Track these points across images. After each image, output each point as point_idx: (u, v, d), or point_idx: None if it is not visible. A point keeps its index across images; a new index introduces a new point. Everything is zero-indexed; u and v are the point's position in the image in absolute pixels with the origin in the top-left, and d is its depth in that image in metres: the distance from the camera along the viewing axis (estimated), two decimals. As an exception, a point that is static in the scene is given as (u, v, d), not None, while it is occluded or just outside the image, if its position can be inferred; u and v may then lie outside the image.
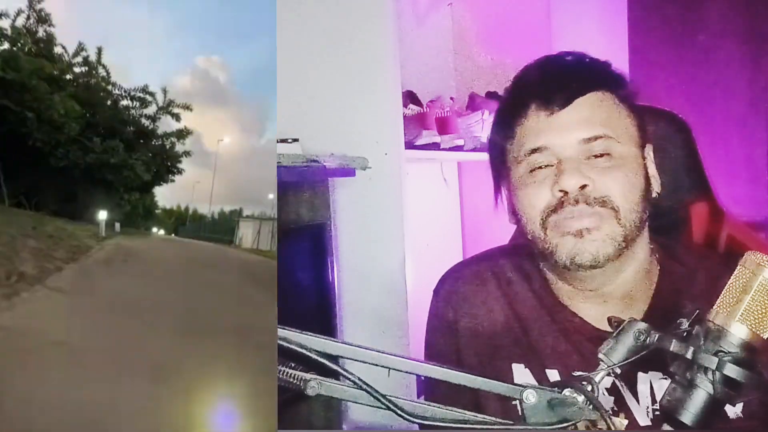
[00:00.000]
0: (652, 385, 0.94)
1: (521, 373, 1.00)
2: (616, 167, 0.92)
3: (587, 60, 0.98)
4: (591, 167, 0.91)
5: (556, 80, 0.95)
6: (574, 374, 0.94)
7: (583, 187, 0.90)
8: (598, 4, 2.91)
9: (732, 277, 0.74)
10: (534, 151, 0.94)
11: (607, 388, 0.76)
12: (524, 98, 0.96)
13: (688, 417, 0.72)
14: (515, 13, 2.95)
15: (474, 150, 2.43)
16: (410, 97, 2.35)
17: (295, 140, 2.00)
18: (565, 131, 0.92)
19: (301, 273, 2.03)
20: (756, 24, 2.72)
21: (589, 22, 2.84)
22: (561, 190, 0.91)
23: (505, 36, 2.90)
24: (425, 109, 2.33)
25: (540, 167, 0.93)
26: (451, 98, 2.64)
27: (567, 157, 0.92)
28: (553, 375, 0.98)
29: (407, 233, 2.08)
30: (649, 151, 0.98)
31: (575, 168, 0.91)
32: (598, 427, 0.72)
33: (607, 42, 2.73)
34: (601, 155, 0.92)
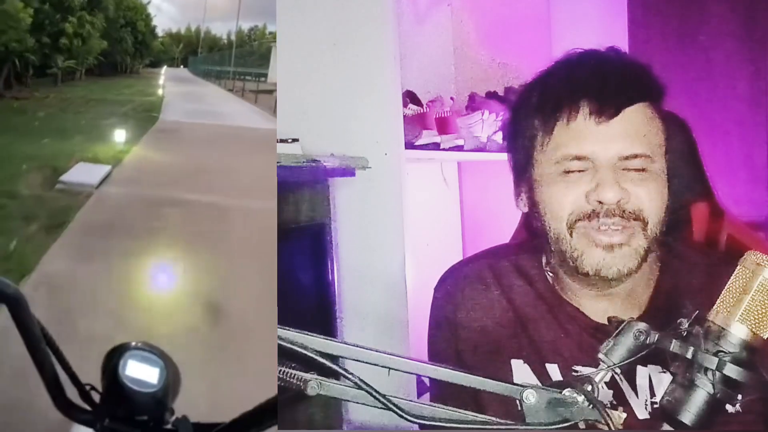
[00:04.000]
0: (651, 378, 0.95)
1: (520, 368, 1.01)
2: (649, 180, 0.93)
3: (631, 62, 0.98)
4: (626, 178, 0.92)
5: (610, 83, 0.94)
6: (574, 374, 0.94)
7: (619, 200, 0.91)
8: (598, 4, 2.91)
9: (732, 277, 0.74)
10: (576, 158, 0.93)
11: (606, 382, 0.76)
12: (575, 96, 0.94)
13: (688, 417, 0.72)
14: (515, 13, 2.95)
15: (474, 150, 2.43)
16: (410, 97, 2.35)
17: (295, 140, 2.00)
18: (610, 143, 0.92)
19: (301, 273, 2.03)
20: (756, 24, 2.72)
21: (589, 22, 2.84)
22: (598, 201, 0.91)
23: (505, 36, 2.90)
24: (425, 109, 2.33)
25: (574, 170, 0.93)
26: (451, 98, 2.64)
27: (605, 166, 0.92)
28: (553, 369, 0.99)
29: (407, 233, 2.08)
30: (666, 160, 0.99)
31: (614, 180, 0.91)
32: (598, 426, 0.72)
33: (607, 42, 2.72)
34: (637, 170, 0.92)
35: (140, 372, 0.66)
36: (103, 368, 0.68)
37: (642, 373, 0.95)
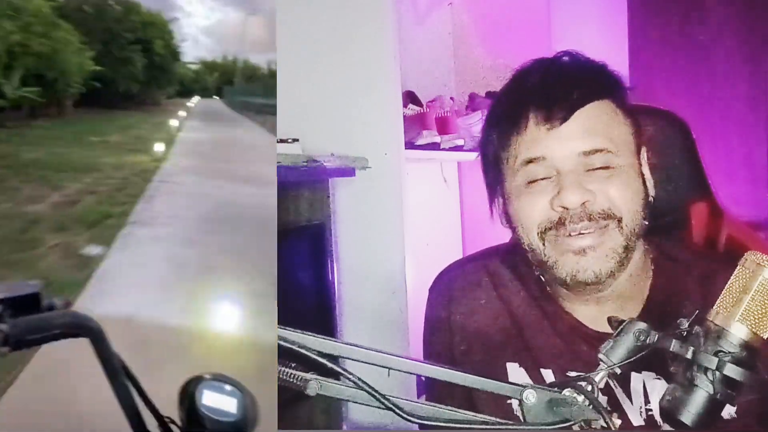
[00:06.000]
0: (645, 385, 0.94)
1: (515, 372, 1.00)
2: (615, 176, 0.91)
3: (584, 63, 0.96)
4: (591, 179, 0.90)
5: (557, 90, 0.92)
6: (573, 374, 0.94)
7: (585, 202, 0.89)
8: (598, 4, 2.90)
9: (732, 277, 0.74)
10: (531, 161, 0.92)
11: (600, 389, 0.76)
12: (523, 108, 0.93)
13: (688, 417, 0.72)
14: (515, 13, 2.95)
15: (474, 150, 2.42)
16: (410, 97, 2.35)
17: (295, 140, 2.00)
18: (565, 142, 0.91)
19: (301, 273, 2.03)
20: (756, 24, 2.71)
21: (589, 22, 2.84)
22: (561, 206, 0.90)
23: (505, 36, 2.90)
24: (425, 109, 2.33)
25: (538, 179, 0.92)
26: (451, 98, 2.64)
27: (566, 170, 0.90)
28: (548, 374, 0.98)
29: (407, 233, 2.08)
30: (643, 154, 0.97)
31: (576, 183, 0.89)
32: (593, 426, 0.72)
33: (607, 42, 2.73)
34: (600, 168, 0.91)
35: (218, 402, 0.67)
36: (180, 399, 0.68)
37: (636, 379, 0.94)
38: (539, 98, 0.92)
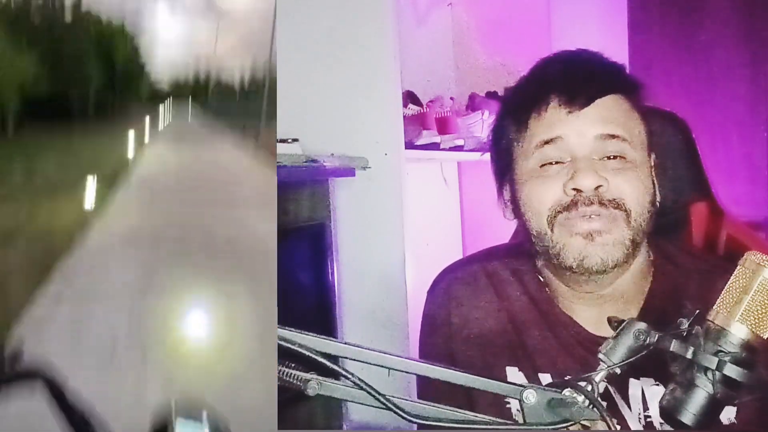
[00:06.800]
0: (644, 391, 0.94)
1: (514, 376, 1.00)
2: (628, 169, 0.91)
3: (604, 60, 0.98)
4: (605, 167, 0.90)
5: (579, 77, 0.94)
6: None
7: (598, 187, 0.89)
8: (598, 4, 2.91)
9: (732, 277, 0.74)
10: (547, 142, 0.92)
11: (600, 394, 0.75)
12: (545, 91, 0.94)
13: (688, 417, 0.72)
14: (515, 13, 2.95)
15: (474, 150, 2.43)
16: (410, 97, 2.36)
17: (295, 140, 2.00)
18: (583, 125, 0.92)
19: (301, 273, 2.03)
20: (756, 24, 2.72)
21: (589, 22, 2.84)
22: (575, 189, 0.90)
23: (505, 36, 2.90)
24: (425, 109, 2.33)
25: (551, 163, 0.92)
26: (451, 98, 2.64)
27: (581, 155, 0.91)
28: (546, 379, 0.98)
29: (407, 233, 2.08)
30: (653, 159, 0.97)
31: (590, 167, 0.90)
32: (594, 427, 0.72)
33: (607, 42, 2.73)
34: (615, 157, 0.91)
35: None
36: None
37: (635, 385, 0.94)
38: (561, 83, 0.94)
